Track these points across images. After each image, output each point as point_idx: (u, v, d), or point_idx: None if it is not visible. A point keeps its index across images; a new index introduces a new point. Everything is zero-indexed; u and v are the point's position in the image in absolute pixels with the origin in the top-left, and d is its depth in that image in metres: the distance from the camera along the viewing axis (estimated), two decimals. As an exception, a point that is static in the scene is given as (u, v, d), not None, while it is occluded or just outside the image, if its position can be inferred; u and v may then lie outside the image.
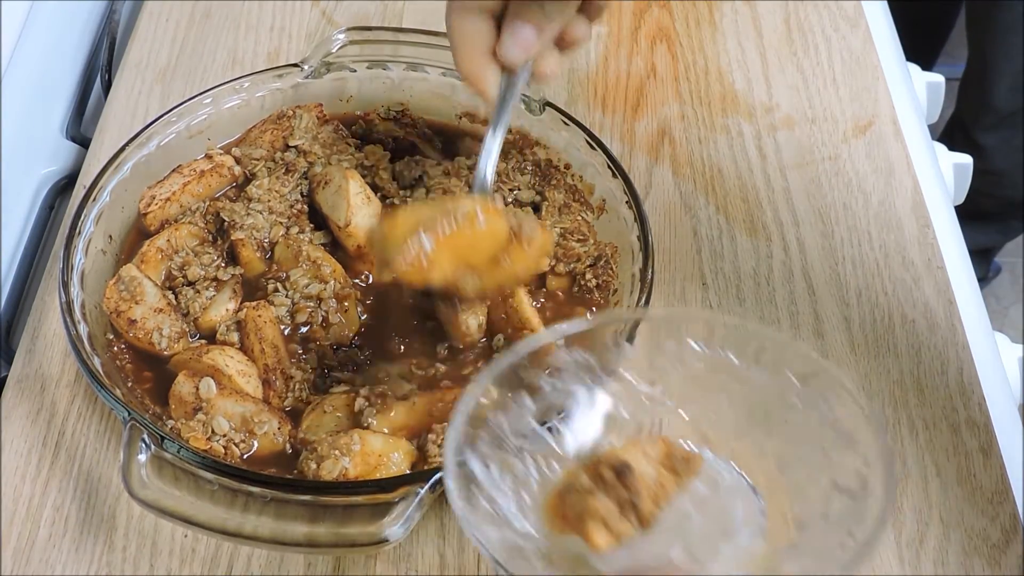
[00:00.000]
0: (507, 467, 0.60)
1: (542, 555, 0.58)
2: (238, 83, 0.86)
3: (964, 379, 0.77)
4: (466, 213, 0.67)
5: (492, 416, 0.60)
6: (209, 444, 0.67)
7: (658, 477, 0.59)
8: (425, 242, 0.65)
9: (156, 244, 0.78)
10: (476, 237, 0.68)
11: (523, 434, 0.61)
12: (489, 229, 0.68)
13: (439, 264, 0.66)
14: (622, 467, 0.58)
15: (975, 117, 1.83)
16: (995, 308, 2.10)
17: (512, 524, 0.58)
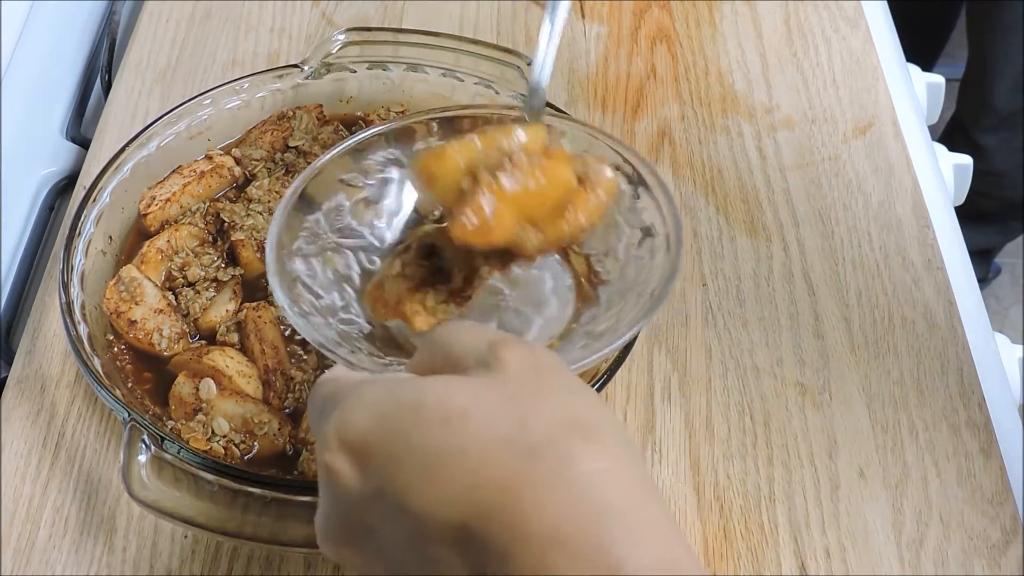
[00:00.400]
0: (328, 263, 0.65)
1: (367, 339, 0.61)
2: (238, 84, 0.86)
3: (964, 380, 0.77)
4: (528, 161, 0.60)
5: (310, 216, 0.65)
6: (209, 445, 0.67)
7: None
8: (486, 204, 0.58)
9: (156, 245, 0.78)
10: (540, 185, 0.60)
11: (340, 230, 0.66)
12: (554, 176, 0.61)
13: (502, 221, 0.58)
14: (431, 250, 0.61)
15: (975, 118, 1.83)
16: (995, 309, 2.10)
17: (338, 315, 0.62)
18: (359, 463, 0.41)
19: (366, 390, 0.43)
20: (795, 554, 0.68)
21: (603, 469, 0.39)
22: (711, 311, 0.81)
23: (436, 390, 0.41)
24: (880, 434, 0.74)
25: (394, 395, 0.42)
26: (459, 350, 0.44)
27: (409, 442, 0.40)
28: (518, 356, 0.42)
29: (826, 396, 0.76)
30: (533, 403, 0.40)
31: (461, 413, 0.40)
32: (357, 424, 0.41)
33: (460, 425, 0.39)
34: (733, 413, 0.75)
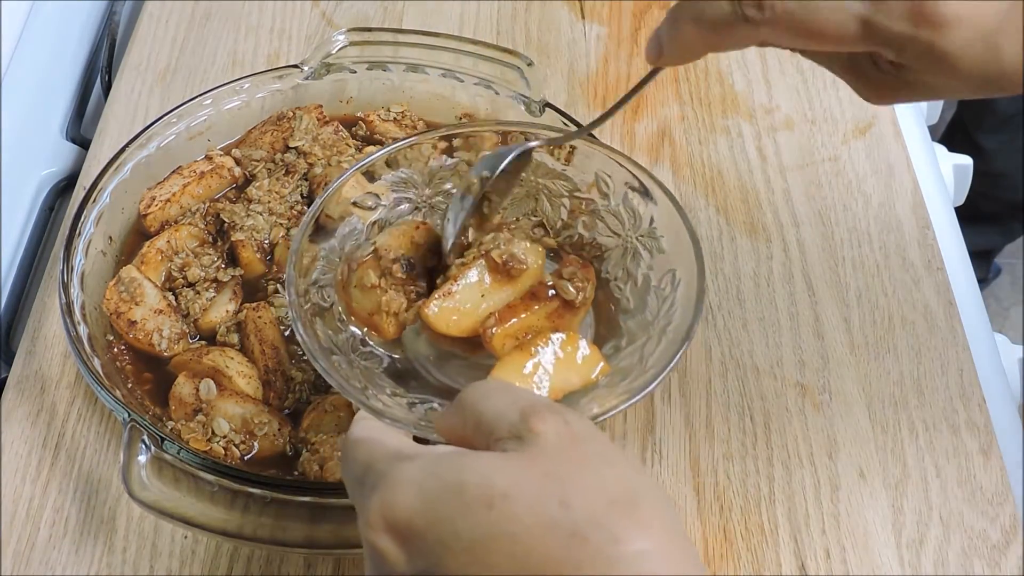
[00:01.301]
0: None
1: (388, 373, 0.62)
2: (238, 84, 0.86)
3: (964, 380, 0.77)
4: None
5: (324, 244, 0.64)
6: (209, 445, 0.67)
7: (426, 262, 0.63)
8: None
9: (156, 245, 0.78)
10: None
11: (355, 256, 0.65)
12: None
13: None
14: (407, 262, 0.62)
15: (976, 119, 1.83)
16: (995, 309, 2.10)
17: (358, 349, 0.62)
18: (405, 545, 0.42)
19: (407, 469, 0.42)
20: (795, 554, 0.68)
21: (648, 549, 0.39)
22: (711, 311, 0.81)
23: (476, 471, 0.41)
24: (880, 434, 0.74)
25: (436, 476, 0.42)
26: (490, 417, 0.44)
27: (455, 526, 0.40)
28: (552, 427, 0.42)
29: (826, 396, 0.76)
30: (572, 479, 0.40)
31: (503, 495, 0.40)
32: (402, 506, 0.41)
33: (503, 508, 0.40)
34: (733, 413, 0.75)
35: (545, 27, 1.03)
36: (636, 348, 0.61)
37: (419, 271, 0.62)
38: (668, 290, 0.62)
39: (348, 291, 0.63)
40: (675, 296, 0.61)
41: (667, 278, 0.62)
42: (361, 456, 0.46)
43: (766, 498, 0.71)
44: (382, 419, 0.52)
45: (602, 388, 0.60)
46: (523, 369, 0.59)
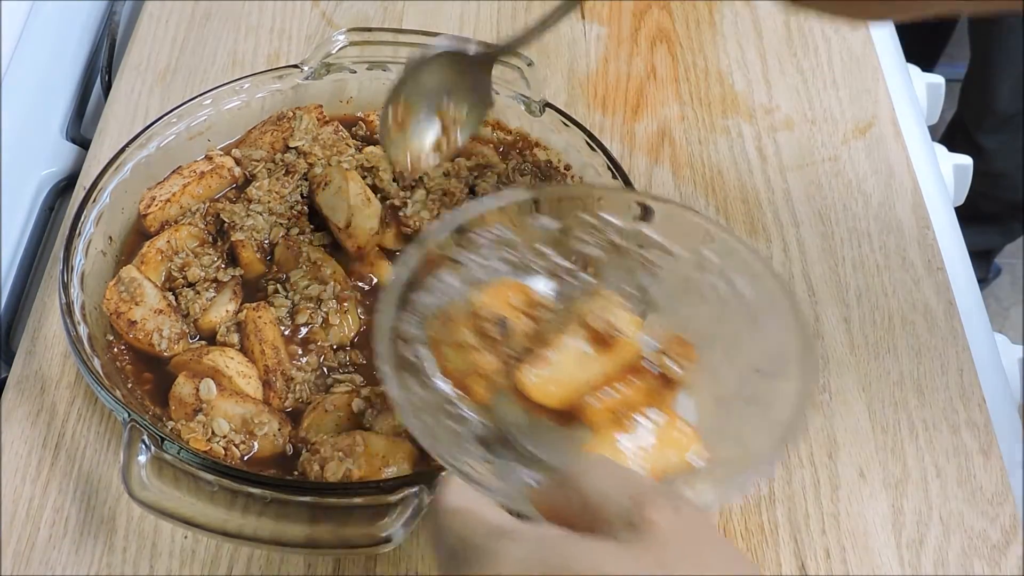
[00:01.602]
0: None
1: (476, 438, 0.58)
2: (238, 84, 0.86)
3: (964, 380, 0.77)
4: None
5: (417, 297, 0.61)
6: (209, 445, 0.67)
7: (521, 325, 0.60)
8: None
9: (156, 245, 0.78)
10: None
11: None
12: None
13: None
14: (503, 323, 0.59)
15: (976, 119, 1.83)
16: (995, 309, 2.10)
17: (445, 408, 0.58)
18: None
19: (511, 550, 0.40)
20: (795, 554, 0.68)
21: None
22: (711, 311, 0.81)
23: (587, 560, 0.39)
24: (880, 434, 0.74)
25: (543, 561, 0.39)
26: (598, 499, 0.42)
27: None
28: (665, 516, 0.40)
29: (826, 396, 0.76)
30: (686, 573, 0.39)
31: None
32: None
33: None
34: (733, 413, 0.75)
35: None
36: (735, 433, 0.58)
37: (514, 333, 0.59)
38: (774, 378, 0.58)
39: (441, 349, 0.60)
40: (779, 384, 0.57)
41: (771, 363, 0.58)
42: (456, 527, 0.43)
43: (766, 498, 0.71)
44: (474, 486, 0.49)
45: (701, 472, 0.57)
46: (620, 446, 0.56)
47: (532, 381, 0.57)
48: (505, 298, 0.61)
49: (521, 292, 0.61)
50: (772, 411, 0.55)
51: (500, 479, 0.54)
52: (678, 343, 0.59)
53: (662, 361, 0.58)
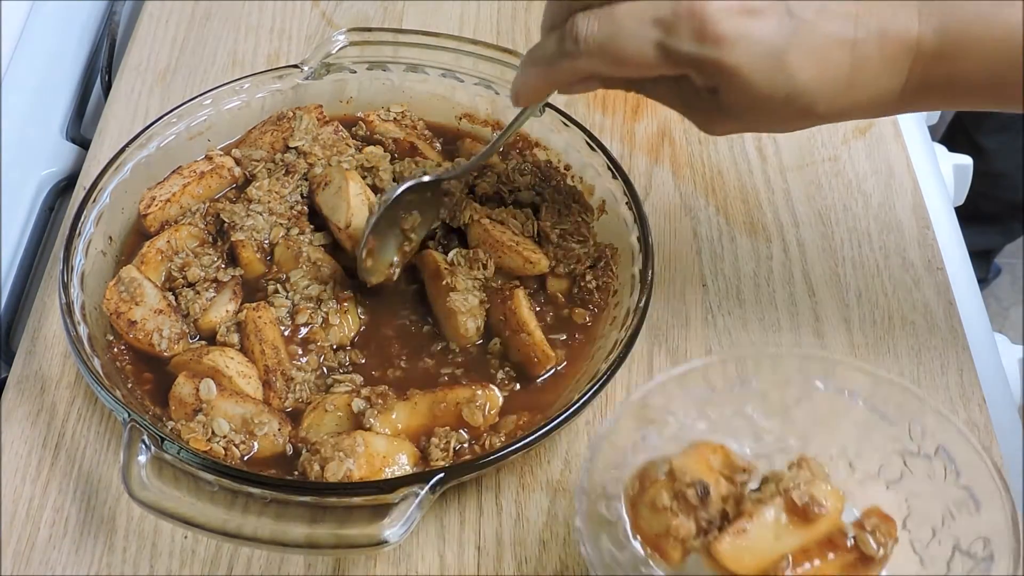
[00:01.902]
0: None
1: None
2: (238, 84, 0.86)
3: (964, 380, 0.77)
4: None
5: (618, 455, 0.61)
6: (209, 445, 0.67)
7: (720, 489, 0.59)
8: None
9: (156, 245, 0.78)
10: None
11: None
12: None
13: None
14: (703, 487, 0.58)
15: (977, 120, 1.83)
16: (995, 309, 2.10)
17: (639, 570, 0.58)
18: None
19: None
20: (795, 554, 0.68)
21: None
22: (711, 311, 0.81)
23: None
24: (880, 434, 0.74)
25: None
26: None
27: None
28: None
29: (826, 396, 0.76)
30: None
31: None
32: None
33: None
34: (733, 413, 0.75)
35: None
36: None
37: (713, 498, 0.59)
38: (979, 559, 0.57)
39: (637, 508, 0.60)
40: (986, 568, 0.56)
41: (978, 545, 0.57)
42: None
43: (766, 498, 0.71)
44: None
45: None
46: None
47: (727, 550, 0.56)
48: (705, 460, 0.60)
49: (721, 453, 0.61)
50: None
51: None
52: (880, 517, 0.58)
53: (863, 538, 0.57)
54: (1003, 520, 0.56)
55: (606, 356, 0.70)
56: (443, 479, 0.62)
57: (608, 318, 0.76)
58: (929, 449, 0.60)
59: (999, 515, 0.56)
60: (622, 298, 0.76)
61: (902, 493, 0.61)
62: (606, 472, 0.61)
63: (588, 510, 0.58)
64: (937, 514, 0.59)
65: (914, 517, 0.60)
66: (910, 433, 0.61)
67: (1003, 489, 0.57)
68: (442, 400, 0.70)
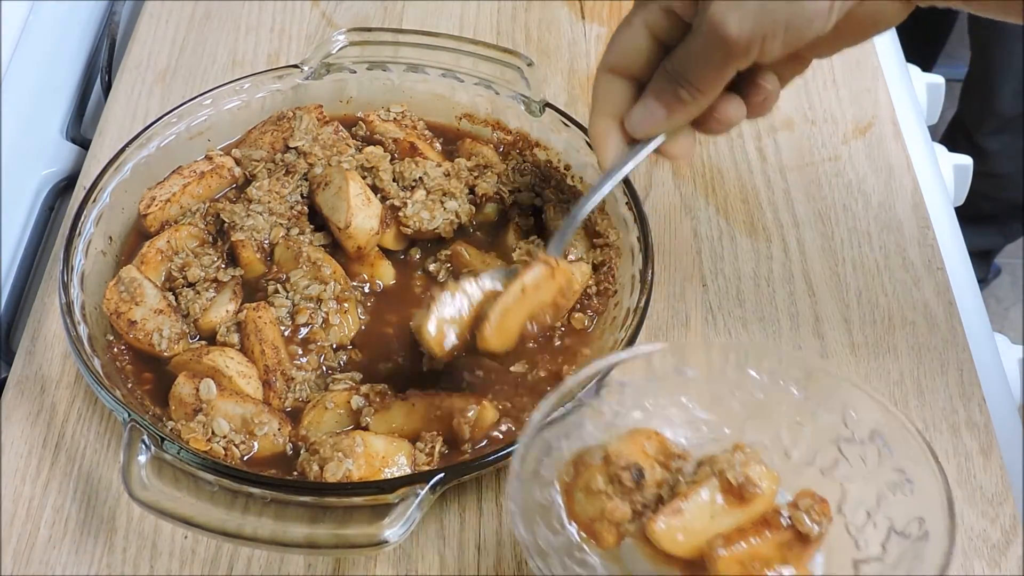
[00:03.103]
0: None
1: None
2: (238, 84, 0.86)
3: (964, 380, 0.77)
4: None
5: (554, 440, 0.61)
6: (209, 445, 0.67)
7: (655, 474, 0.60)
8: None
9: (156, 245, 0.78)
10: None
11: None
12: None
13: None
14: (638, 471, 0.59)
15: (978, 121, 1.83)
16: (995, 309, 2.10)
17: (573, 554, 0.58)
18: None
19: None
20: (795, 554, 0.68)
21: None
22: (711, 311, 0.81)
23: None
24: (880, 434, 0.74)
25: None
26: None
27: None
28: None
29: (826, 396, 0.76)
30: None
31: None
32: None
33: None
34: (733, 413, 0.75)
35: (545, 27, 1.03)
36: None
37: (647, 482, 0.59)
38: (913, 538, 0.57)
39: (572, 493, 0.60)
40: (921, 547, 0.56)
41: (913, 525, 0.58)
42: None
43: (766, 498, 0.71)
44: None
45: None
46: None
47: (662, 530, 0.57)
48: (640, 446, 0.60)
49: (656, 440, 0.61)
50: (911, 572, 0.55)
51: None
52: (814, 499, 0.59)
53: (797, 516, 0.58)
54: (937, 498, 0.56)
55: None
56: (443, 479, 0.62)
57: (608, 319, 0.76)
58: (863, 434, 0.61)
59: (933, 494, 0.56)
60: (622, 298, 0.76)
61: (837, 478, 0.61)
62: (540, 458, 0.61)
63: (523, 495, 0.58)
64: (872, 497, 0.60)
65: (849, 501, 0.61)
66: (844, 420, 0.62)
67: (936, 468, 0.57)
68: (438, 406, 0.70)
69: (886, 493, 0.59)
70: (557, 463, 0.61)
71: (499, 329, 0.67)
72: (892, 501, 0.59)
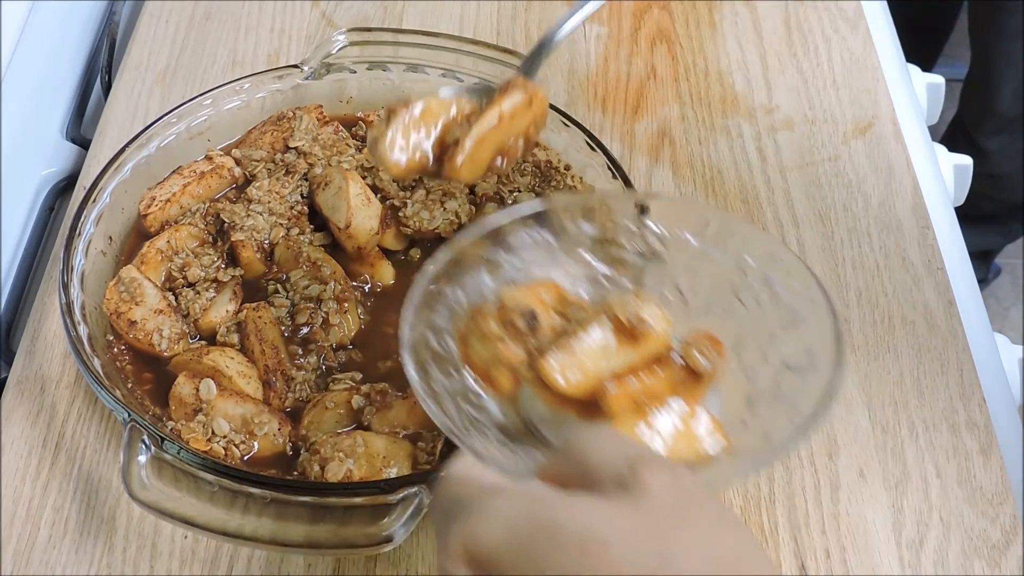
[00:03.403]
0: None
1: (498, 427, 0.58)
2: (238, 84, 0.86)
3: (964, 380, 0.77)
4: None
5: (450, 292, 0.61)
6: (209, 445, 0.67)
7: (551, 320, 0.60)
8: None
9: (156, 245, 0.78)
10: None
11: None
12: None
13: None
14: (531, 316, 0.59)
15: (977, 121, 1.83)
16: (995, 309, 2.10)
17: (469, 399, 0.58)
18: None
19: (499, 503, 0.40)
20: (795, 554, 0.68)
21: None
22: (711, 311, 0.81)
23: (574, 512, 0.38)
24: (880, 434, 0.74)
25: (529, 513, 0.39)
26: (596, 463, 0.41)
27: (541, 566, 0.37)
28: (660, 480, 0.40)
29: (826, 396, 0.76)
30: (676, 537, 0.38)
31: (600, 541, 0.37)
32: (487, 539, 0.39)
33: (598, 554, 0.37)
34: (733, 413, 0.75)
35: (545, 27, 1.03)
36: (761, 426, 0.58)
37: (542, 328, 0.59)
38: (803, 371, 0.58)
39: (467, 340, 0.60)
40: (809, 378, 0.57)
41: (803, 358, 0.58)
42: (453, 491, 0.43)
43: (766, 498, 0.71)
44: (484, 462, 0.49)
45: (719, 461, 0.56)
46: (638, 433, 0.56)
47: (554, 368, 0.57)
48: (537, 295, 0.61)
49: (554, 291, 0.61)
50: (800, 404, 0.55)
51: (513, 461, 0.54)
52: (706, 338, 0.59)
53: (689, 353, 0.58)
54: (825, 330, 0.56)
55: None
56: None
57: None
58: (758, 278, 0.61)
59: (822, 327, 0.57)
60: (622, 298, 0.75)
61: (732, 322, 0.62)
62: (437, 309, 0.61)
63: (416, 343, 0.58)
64: (765, 337, 0.60)
65: (744, 342, 0.61)
66: (739, 265, 0.62)
67: (824, 300, 0.57)
68: None
69: (778, 332, 0.60)
70: (453, 314, 0.61)
71: (471, 158, 0.65)
72: (783, 338, 0.60)
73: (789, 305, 0.60)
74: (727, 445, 0.57)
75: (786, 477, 0.72)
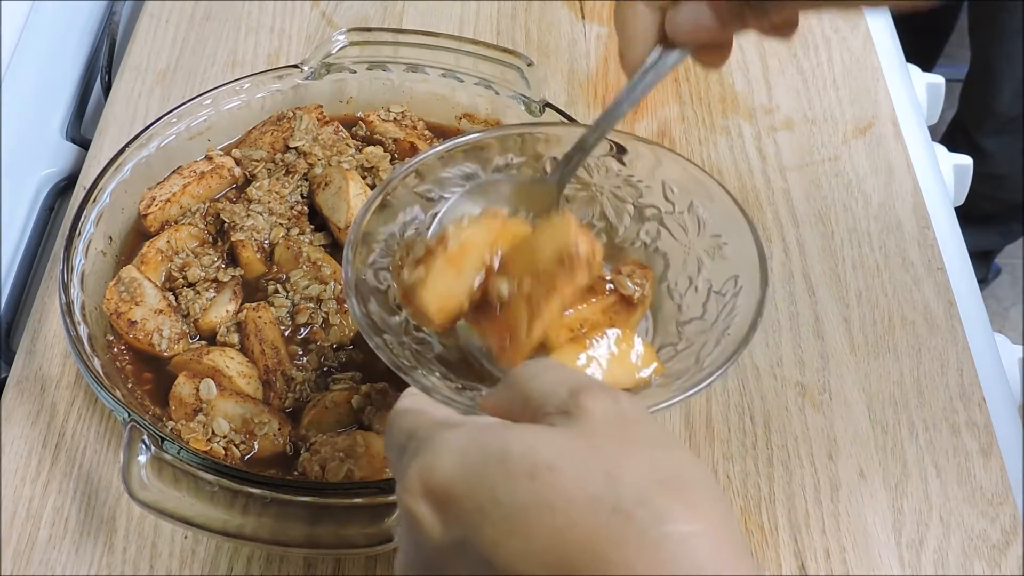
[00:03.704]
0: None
1: (440, 361, 0.60)
2: (238, 84, 0.86)
3: (964, 380, 0.77)
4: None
5: (385, 228, 0.63)
6: (209, 445, 0.67)
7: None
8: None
9: (156, 245, 0.78)
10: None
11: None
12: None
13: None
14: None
15: (977, 121, 1.83)
16: (995, 310, 2.10)
17: (411, 333, 0.60)
18: (442, 511, 0.41)
19: (450, 436, 0.42)
20: (795, 554, 0.68)
21: (695, 531, 0.38)
22: (711, 311, 0.81)
23: (522, 441, 0.40)
24: (880, 434, 0.74)
25: (480, 444, 0.41)
26: (539, 393, 0.43)
27: (494, 494, 0.39)
28: (601, 404, 0.41)
29: (826, 396, 0.76)
30: (620, 456, 0.39)
31: (548, 466, 0.39)
32: (442, 471, 0.40)
33: (546, 478, 0.39)
34: (733, 413, 0.75)
35: (545, 27, 1.03)
36: (693, 351, 0.60)
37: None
38: (729, 295, 0.60)
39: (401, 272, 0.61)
40: (736, 302, 0.59)
41: (729, 284, 0.61)
42: (405, 424, 0.45)
43: (766, 498, 0.71)
44: (431, 395, 0.51)
45: (655, 388, 0.58)
46: (576, 362, 0.57)
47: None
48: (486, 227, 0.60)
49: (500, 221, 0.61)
50: (729, 328, 0.58)
51: (457, 392, 0.56)
52: (636, 266, 0.61)
53: (619, 280, 0.60)
54: (749, 255, 0.59)
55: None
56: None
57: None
58: (682, 206, 0.64)
59: (746, 252, 0.60)
60: (622, 298, 0.75)
61: (660, 251, 0.64)
62: (372, 245, 0.62)
63: (357, 281, 0.59)
64: (693, 264, 0.63)
65: (672, 269, 0.64)
66: (664, 194, 0.64)
67: (748, 227, 0.60)
68: None
69: (704, 258, 0.63)
70: (389, 250, 0.63)
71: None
72: (710, 265, 0.62)
73: (714, 232, 0.62)
74: (660, 368, 0.59)
75: (786, 477, 0.72)
